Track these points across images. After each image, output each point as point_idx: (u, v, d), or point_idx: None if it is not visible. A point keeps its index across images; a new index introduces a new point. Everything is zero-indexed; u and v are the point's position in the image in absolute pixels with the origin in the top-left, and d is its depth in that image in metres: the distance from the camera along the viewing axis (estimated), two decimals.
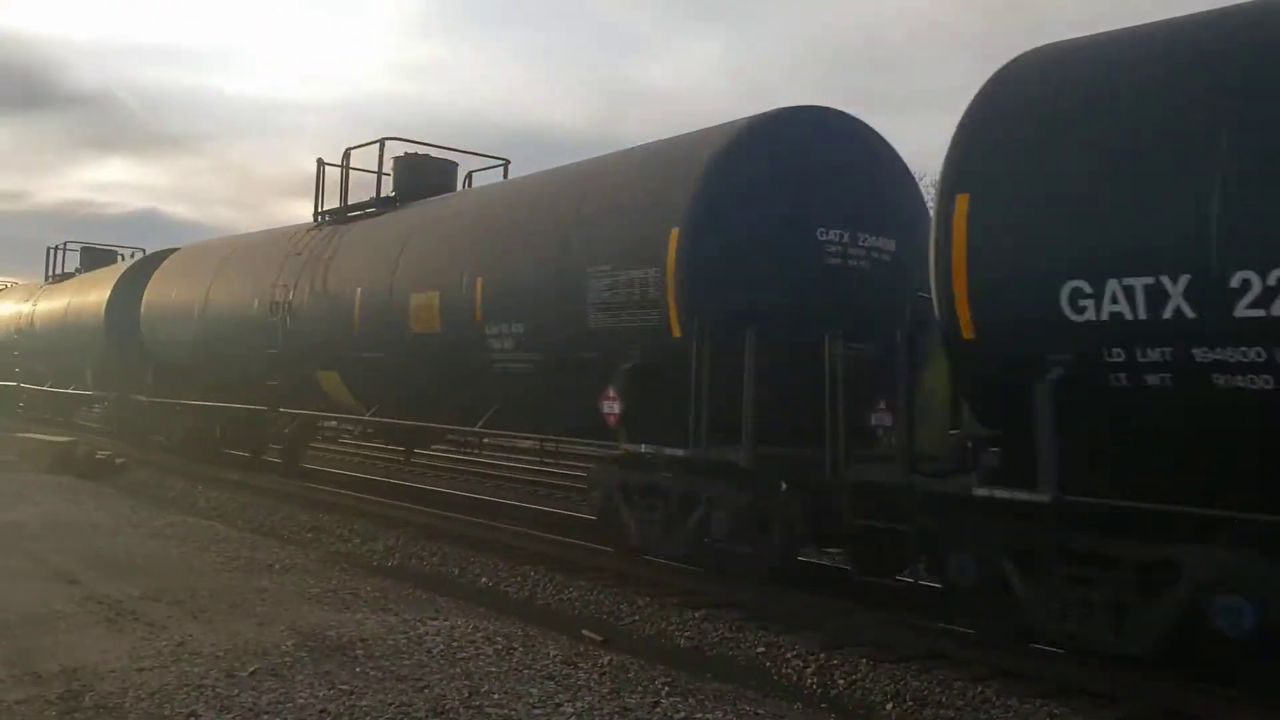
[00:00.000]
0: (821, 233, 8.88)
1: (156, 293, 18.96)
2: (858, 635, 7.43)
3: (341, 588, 8.76)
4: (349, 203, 14.84)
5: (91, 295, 22.44)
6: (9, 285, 33.66)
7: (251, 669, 6.07)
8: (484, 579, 9.89)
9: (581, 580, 9.41)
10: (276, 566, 9.62)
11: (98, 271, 24.46)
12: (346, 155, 14.79)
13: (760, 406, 8.16)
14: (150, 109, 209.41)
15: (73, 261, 27.37)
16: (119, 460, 17.86)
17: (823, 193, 8.97)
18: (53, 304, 25.11)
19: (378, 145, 14.52)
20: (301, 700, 5.54)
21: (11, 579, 8.42)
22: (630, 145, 8.78)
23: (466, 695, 5.72)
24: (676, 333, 8.70)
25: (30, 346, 26.51)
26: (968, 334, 6.59)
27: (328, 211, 15.16)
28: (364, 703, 5.50)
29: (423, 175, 14.33)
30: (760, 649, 7.47)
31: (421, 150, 14.76)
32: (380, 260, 12.82)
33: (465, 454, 18.70)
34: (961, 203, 6.62)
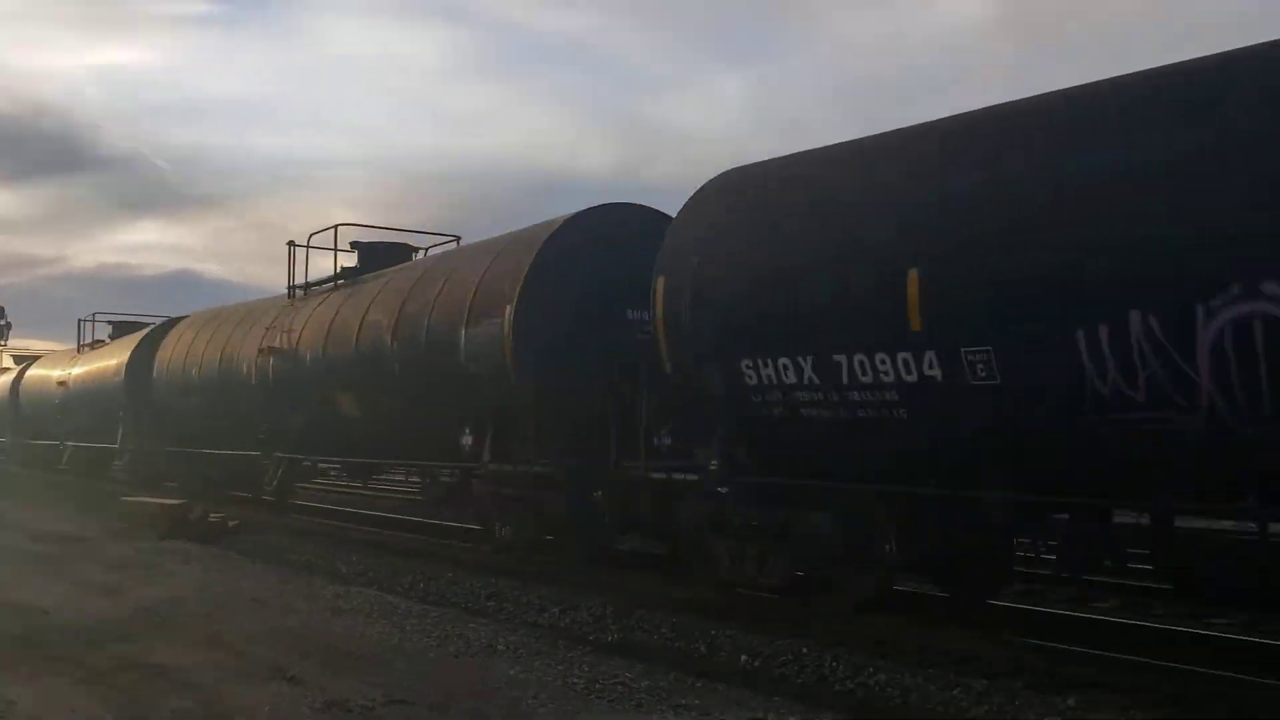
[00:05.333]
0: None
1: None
2: None
3: (601, 677, 7.28)
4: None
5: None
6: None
7: None
8: (743, 656, 8.37)
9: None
10: (501, 648, 8.18)
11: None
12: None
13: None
14: (180, 169, 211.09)
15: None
16: (232, 523, 16.53)
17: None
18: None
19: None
20: None
21: (223, 677, 7.00)
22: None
23: None
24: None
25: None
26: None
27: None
28: None
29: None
30: None
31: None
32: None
33: None
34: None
